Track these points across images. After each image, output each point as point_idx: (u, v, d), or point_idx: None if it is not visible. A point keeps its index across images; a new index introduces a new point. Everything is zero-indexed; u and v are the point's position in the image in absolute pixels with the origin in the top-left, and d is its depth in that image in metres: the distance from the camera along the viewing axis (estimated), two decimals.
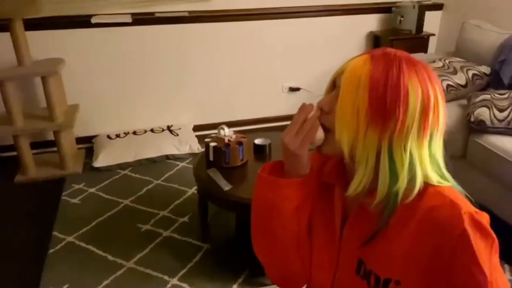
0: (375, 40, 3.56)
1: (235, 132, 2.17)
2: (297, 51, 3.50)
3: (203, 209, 2.17)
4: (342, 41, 3.56)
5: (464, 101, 2.51)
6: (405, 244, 0.81)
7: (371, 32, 3.58)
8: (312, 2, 3.40)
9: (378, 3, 3.54)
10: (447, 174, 0.84)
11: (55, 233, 2.33)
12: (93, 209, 2.54)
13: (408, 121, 0.77)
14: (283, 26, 3.40)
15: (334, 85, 0.88)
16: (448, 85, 2.63)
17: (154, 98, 3.33)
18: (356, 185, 0.82)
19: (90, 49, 3.07)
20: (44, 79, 2.68)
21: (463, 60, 2.85)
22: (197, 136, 3.32)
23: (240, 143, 2.02)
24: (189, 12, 3.20)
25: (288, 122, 0.88)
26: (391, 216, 0.82)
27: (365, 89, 0.79)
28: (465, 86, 2.64)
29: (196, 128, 3.46)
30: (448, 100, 2.63)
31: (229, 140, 2.04)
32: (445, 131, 0.84)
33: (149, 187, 2.78)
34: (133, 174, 2.93)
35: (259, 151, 2.15)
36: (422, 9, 3.37)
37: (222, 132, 2.09)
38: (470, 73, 2.67)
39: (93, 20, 2.99)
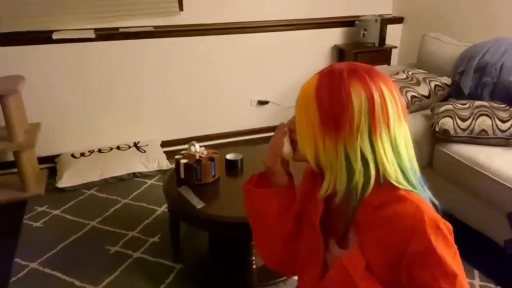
0: (339, 53, 3.63)
1: (205, 147, 2.13)
2: (265, 65, 3.52)
3: (175, 228, 2.11)
4: (308, 54, 3.61)
5: (428, 112, 2.58)
6: (372, 245, 0.90)
7: (335, 46, 3.65)
8: (277, 17, 3.43)
9: (342, 17, 3.62)
10: (412, 175, 0.89)
11: (17, 259, 2.21)
12: (58, 232, 2.43)
13: (357, 123, 0.85)
14: (251, 40, 3.41)
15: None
16: (412, 96, 2.70)
17: (119, 114, 3.25)
18: (325, 187, 0.93)
19: (52, 65, 2.97)
20: (2, 98, 2.56)
21: (425, 71, 2.94)
22: (165, 152, 3.26)
23: (211, 159, 1.99)
24: (155, 27, 3.16)
25: (258, 136, 1.05)
26: (355, 211, 0.91)
27: (313, 104, 0.89)
28: (428, 96, 2.72)
29: (164, 144, 3.40)
30: (412, 111, 2.70)
31: (200, 156, 2.00)
32: (412, 137, 0.92)
33: (117, 206, 2.69)
34: (99, 194, 2.83)
35: (231, 166, 2.13)
36: (384, 23, 3.47)
37: (192, 148, 2.05)
38: (433, 84, 2.76)
39: (55, 36, 2.89)
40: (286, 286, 2.00)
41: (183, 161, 1.97)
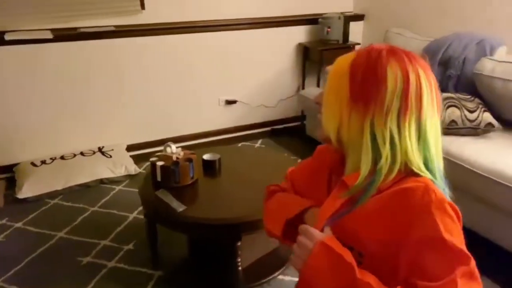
0: (304, 51, 3.64)
1: (181, 148, 2.06)
2: (231, 64, 3.47)
3: (152, 234, 2.02)
4: (274, 52, 3.60)
5: None
6: (376, 222, 0.84)
7: (300, 44, 3.66)
8: (242, 15, 3.39)
9: (305, 15, 3.63)
10: (436, 164, 0.86)
11: None
12: (22, 246, 2.26)
13: (387, 101, 0.82)
14: (216, 38, 3.35)
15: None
16: None
17: (81, 118, 3.09)
18: (351, 167, 0.88)
19: (5, 68, 2.78)
20: None
21: None
22: (132, 157, 3.14)
23: (189, 160, 1.92)
24: (116, 26, 3.03)
25: (227, 136, 0.91)
26: (371, 195, 0.85)
27: (346, 77, 0.85)
28: None
29: (130, 148, 3.27)
30: None
31: (177, 158, 1.93)
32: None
33: (85, 215, 2.55)
34: (64, 203, 2.68)
35: (209, 167, 2.07)
36: (347, 20, 3.52)
37: (168, 149, 1.97)
38: None
39: (7, 37, 2.71)
40: (270, 287, 1.97)
41: (160, 163, 1.89)
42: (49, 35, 2.81)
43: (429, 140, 0.84)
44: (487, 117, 2.25)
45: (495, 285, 1.89)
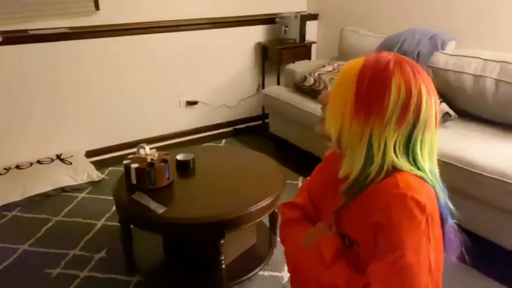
0: (263, 50, 3.68)
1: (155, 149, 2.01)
2: (191, 64, 3.43)
3: (127, 239, 1.97)
4: (233, 52, 3.61)
5: None
6: (361, 215, 0.93)
7: (258, 43, 3.70)
8: (200, 15, 3.37)
9: (262, 14, 3.68)
10: (425, 164, 0.91)
11: None
12: None
13: (388, 114, 0.86)
14: (174, 39, 3.30)
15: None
16: None
17: (35, 125, 2.94)
18: (344, 167, 0.94)
19: None
20: None
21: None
22: (92, 163, 3.03)
23: (165, 161, 1.88)
24: (70, 28, 2.91)
25: (190, 137, 0.91)
26: (358, 194, 0.92)
27: (352, 85, 0.89)
28: None
29: (89, 154, 3.15)
30: None
31: (151, 159, 1.89)
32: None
33: (49, 225, 2.43)
34: (24, 214, 2.54)
35: (183, 167, 2.04)
36: (303, 19, 3.60)
37: (142, 151, 1.92)
38: None
39: None
40: (251, 283, 1.98)
41: (134, 165, 1.85)
42: None
43: (416, 149, 0.89)
44: (444, 107, 2.40)
45: (488, 278, 1.95)
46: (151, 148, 1.97)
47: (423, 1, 3.03)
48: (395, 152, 0.88)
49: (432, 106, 0.89)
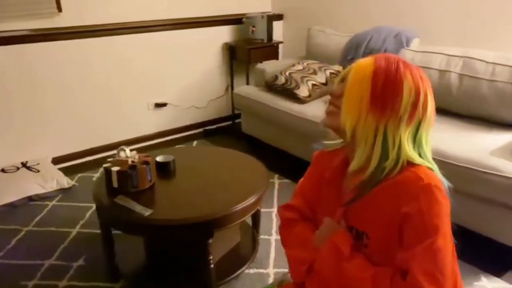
0: (230, 50, 3.69)
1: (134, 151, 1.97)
2: (158, 66, 3.39)
3: (109, 244, 1.91)
4: (200, 53, 3.59)
5: (328, 97, 2.79)
6: (378, 208, 0.98)
7: (226, 43, 3.70)
8: (165, 16, 3.33)
9: (228, 15, 3.68)
10: (430, 160, 1.00)
11: None
12: None
13: (402, 110, 0.94)
14: (141, 41, 3.25)
15: (343, 79, 1.02)
16: (313, 85, 2.90)
17: None
18: (357, 161, 0.98)
19: None
20: None
21: (317, 61, 3.17)
22: (60, 169, 2.92)
23: (146, 163, 1.85)
24: (32, 30, 2.80)
25: (160, 140, 0.86)
26: (374, 186, 0.97)
27: (368, 82, 0.95)
28: (325, 84, 2.95)
29: (56, 161, 3.03)
30: (315, 98, 2.90)
31: (132, 162, 1.85)
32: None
33: (19, 236, 2.32)
34: None
35: (163, 169, 2.01)
36: (270, 19, 3.64)
37: (122, 153, 1.88)
38: (328, 72, 3.00)
39: None
40: (238, 281, 1.98)
41: (115, 168, 1.80)
42: None
43: (422, 142, 0.98)
44: None
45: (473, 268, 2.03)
46: (131, 150, 1.92)
47: (387, 0, 3.15)
48: (407, 148, 0.95)
49: (434, 106, 0.98)
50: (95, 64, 3.08)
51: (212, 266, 1.77)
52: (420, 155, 0.97)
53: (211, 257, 1.75)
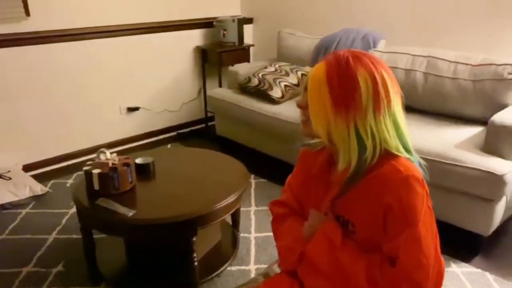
0: (202, 53, 3.72)
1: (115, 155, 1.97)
2: (129, 70, 3.38)
3: (90, 248, 1.91)
4: (172, 56, 3.61)
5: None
6: (362, 199, 1.03)
7: (197, 47, 3.73)
8: (136, 20, 3.33)
9: (199, 18, 3.71)
10: (409, 145, 1.04)
11: None
12: None
13: (364, 103, 0.97)
14: (112, 45, 3.24)
15: (305, 88, 1.06)
16: (285, 85, 2.97)
17: None
18: (342, 161, 1.02)
19: None
20: None
21: (288, 63, 3.26)
22: (32, 176, 2.86)
23: (127, 165, 1.86)
24: (0, 35, 2.74)
25: (133, 144, 0.85)
26: (359, 179, 1.02)
27: (325, 87, 0.98)
28: (297, 85, 3.03)
29: (27, 168, 2.97)
30: (288, 98, 2.97)
31: (113, 164, 1.85)
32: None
33: None
34: None
35: (143, 170, 2.03)
36: (241, 23, 3.70)
37: (102, 156, 1.88)
38: (299, 73, 3.08)
39: None
40: (221, 278, 2.01)
41: (96, 171, 1.80)
42: None
43: (400, 125, 1.00)
44: None
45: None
46: (111, 153, 1.93)
47: (354, 3, 3.27)
48: (388, 134, 0.98)
49: (395, 84, 1.01)
50: (65, 69, 3.04)
51: (196, 263, 1.80)
52: (400, 140, 1.00)
53: (195, 255, 1.78)
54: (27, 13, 2.83)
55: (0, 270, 2.08)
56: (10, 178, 2.70)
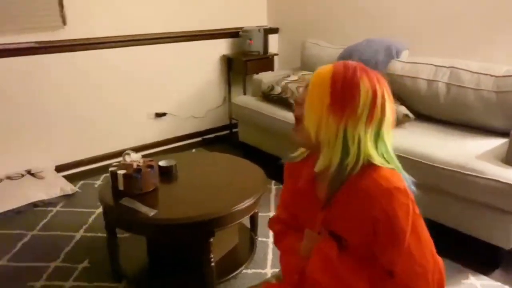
0: (228, 62, 3.81)
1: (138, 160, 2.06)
2: (158, 77, 3.51)
3: (113, 245, 2.00)
4: (199, 65, 3.72)
5: None
6: (348, 212, 1.05)
7: (223, 55, 3.83)
8: (167, 29, 3.46)
9: (226, 28, 3.82)
10: (392, 157, 1.07)
11: None
12: None
13: (360, 110, 1.01)
14: (142, 53, 3.37)
15: (306, 86, 1.09)
16: None
17: (2, 140, 2.89)
18: (322, 160, 1.05)
19: None
20: None
21: (311, 72, 3.29)
22: (63, 177, 3.01)
23: (150, 167, 1.95)
24: (37, 42, 2.91)
25: (160, 149, 0.94)
26: (340, 186, 1.04)
27: (327, 86, 1.02)
28: None
29: (59, 168, 3.12)
30: None
31: (137, 165, 1.94)
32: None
33: (25, 240, 2.40)
34: None
35: (166, 173, 2.11)
36: (266, 33, 3.78)
37: (128, 158, 1.98)
38: None
39: None
40: (237, 280, 2.06)
41: (121, 172, 1.90)
42: None
43: (385, 142, 1.04)
44: (403, 109, 2.62)
45: (460, 266, 2.13)
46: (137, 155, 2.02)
47: (377, 14, 3.29)
48: (373, 148, 1.02)
49: (392, 107, 1.05)
50: (97, 75, 3.19)
51: (212, 264, 1.86)
52: (383, 155, 1.03)
53: (212, 256, 1.84)
54: (64, 22, 3.00)
55: (30, 263, 2.20)
56: (42, 178, 2.85)
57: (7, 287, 2.03)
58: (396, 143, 2.27)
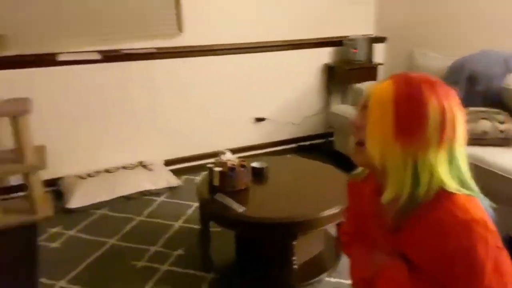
0: (329, 71, 3.83)
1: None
2: (261, 83, 3.65)
3: (206, 237, 2.15)
4: (300, 72, 3.79)
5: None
6: (421, 241, 0.95)
7: (326, 64, 3.85)
8: (272, 38, 3.60)
9: (330, 37, 3.84)
10: (470, 182, 0.96)
11: (42, 279, 2.16)
12: (78, 251, 2.39)
13: (429, 135, 0.90)
14: (247, 60, 3.55)
15: (364, 106, 1.00)
16: None
17: (122, 135, 3.27)
18: (390, 191, 0.95)
19: (57, 87, 2.98)
20: (15, 119, 2.54)
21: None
22: (170, 170, 3.29)
23: (244, 167, 2.06)
24: (156, 48, 3.24)
25: (258, 152, 0.96)
26: (410, 215, 0.96)
27: (390, 109, 0.91)
28: None
29: (167, 163, 3.43)
30: None
31: (232, 164, 2.07)
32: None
33: (133, 224, 2.69)
34: (111, 213, 2.82)
35: (258, 174, 2.21)
36: (370, 42, 3.72)
37: (223, 156, 2.12)
38: None
39: (60, 58, 2.91)
40: (321, 285, 2.08)
41: (217, 169, 2.04)
42: (97, 56, 3.01)
43: (459, 164, 0.94)
44: None
45: None
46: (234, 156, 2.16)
47: (494, 23, 3.05)
48: (447, 174, 0.92)
49: (463, 122, 0.94)
50: (207, 80, 3.44)
51: (295, 266, 1.90)
52: (457, 177, 0.94)
53: (294, 258, 1.89)
54: (181, 30, 3.29)
55: (134, 245, 2.46)
56: (152, 170, 3.15)
57: (112, 263, 2.30)
58: (507, 163, 2.09)
